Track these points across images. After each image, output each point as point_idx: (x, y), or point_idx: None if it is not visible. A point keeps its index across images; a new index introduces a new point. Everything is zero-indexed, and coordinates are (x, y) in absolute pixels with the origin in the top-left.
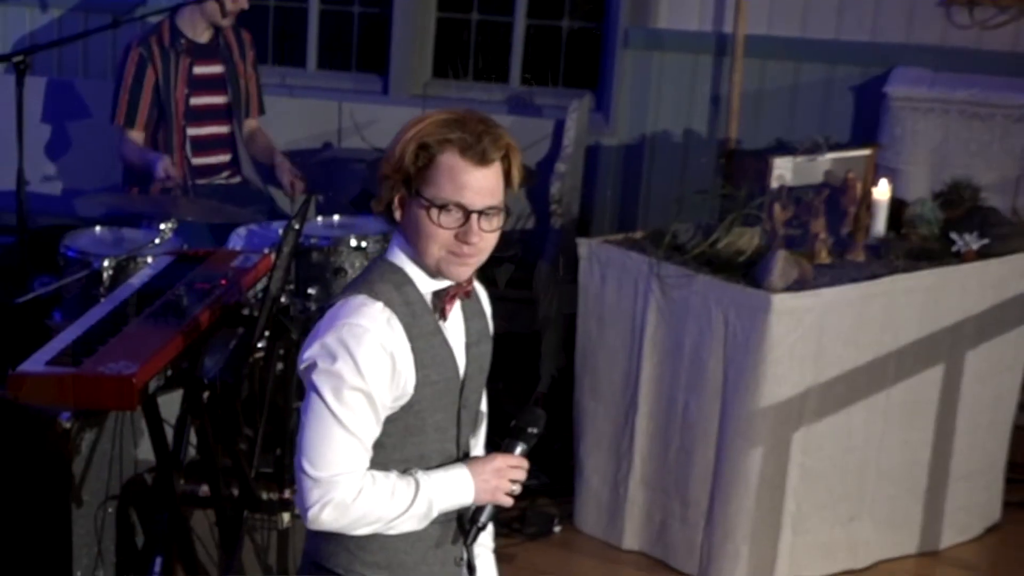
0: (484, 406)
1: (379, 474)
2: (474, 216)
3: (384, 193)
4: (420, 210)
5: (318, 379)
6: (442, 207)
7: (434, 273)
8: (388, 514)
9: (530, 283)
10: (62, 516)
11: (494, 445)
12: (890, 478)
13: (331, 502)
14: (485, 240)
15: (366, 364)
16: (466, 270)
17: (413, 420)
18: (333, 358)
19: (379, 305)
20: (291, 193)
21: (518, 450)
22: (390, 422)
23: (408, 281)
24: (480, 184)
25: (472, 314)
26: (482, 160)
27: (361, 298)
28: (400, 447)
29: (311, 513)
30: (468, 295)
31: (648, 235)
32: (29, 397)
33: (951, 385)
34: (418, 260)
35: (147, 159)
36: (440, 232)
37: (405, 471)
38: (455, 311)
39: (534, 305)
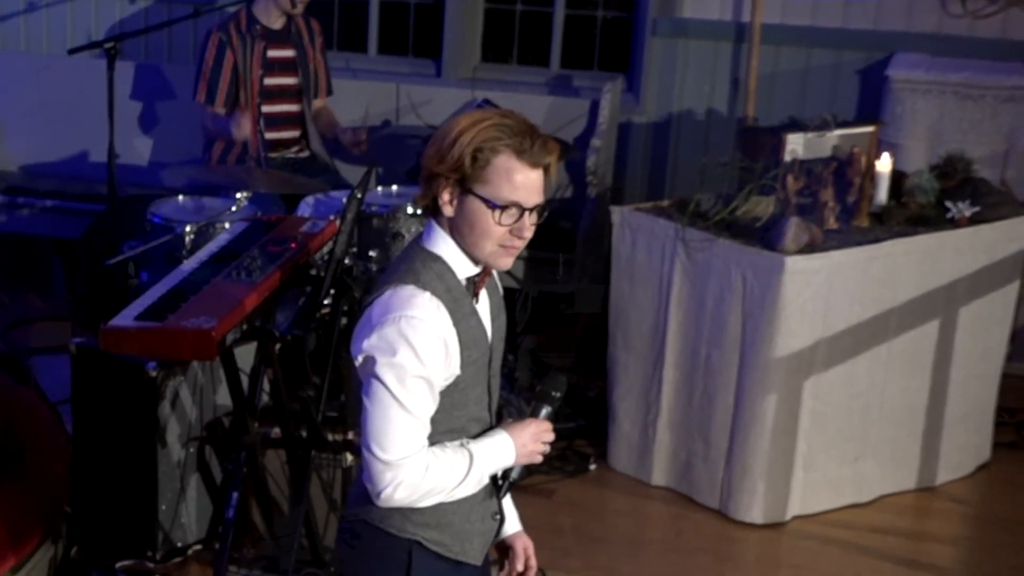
0: (499, 375)
1: (437, 450)
2: (527, 213)
3: (432, 189)
4: (478, 208)
5: (381, 371)
6: (503, 207)
7: (476, 262)
8: (450, 485)
9: (568, 247)
10: (149, 455)
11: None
12: (891, 421)
13: (403, 483)
14: (529, 234)
15: (424, 352)
16: (511, 261)
17: (458, 395)
18: (394, 351)
19: (427, 295)
20: (355, 149)
21: (544, 412)
22: (440, 399)
23: (448, 269)
24: (533, 184)
25: (491, 291)
26: (535, 163)
27: (410, 289)
28: (447, 420)
29: (384, 494)
30: (488, 278)
31: (674, 203)
32: (119, 349)
33: (946, 338)
34: (464, 249)
35: (224, 123)
36: (497, 229)
37: (454, 442)
38: (482, 291)
39: (571, 266)
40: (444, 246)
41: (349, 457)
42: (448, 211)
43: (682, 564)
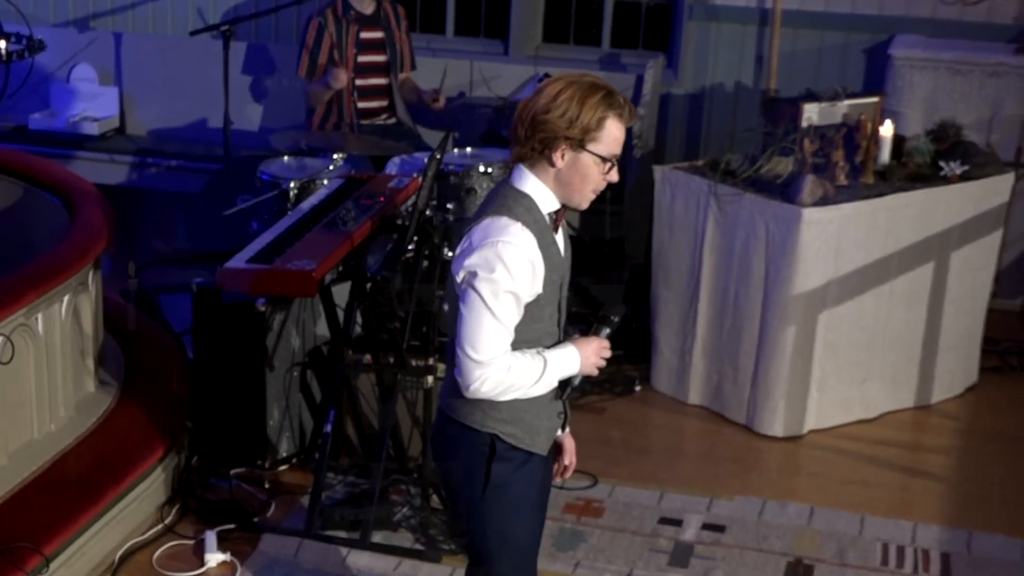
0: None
1: (518, 354)
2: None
3: (549, 147)
4: (590, 162)
5: (479, 284)
6: (607, 160)
7: (566, 202)
8: (527, 383)
9: (617, 200)
10: (258, 379)
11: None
12: (893, 348)
13: (490, 378)
14: (615, 179)
15: (516, 271)
16: (591, 201)
17: (536, 311)
18: (491, 267)
19: (519, 224)
20: (434, 104)
21: (604, 332)
22: (524, 310)
23: (534, 205)
24: (623, 140)
25: (563, 228)
26: (628, 125)
27: (505, 219)
28: (526, 331)
29: (473, 387)
30: (564, 215)
31: (707, 163)
32: (233, 287)
33: (939, 278)
34: (558, 192)
35: (322, 79)
36: (599, 178)
37: (532, 350)
38: (559, 228)
39: (620, 216)
40: (532, 186)
41: (430, 380)
42: (559, 164)
43: (714, 471)
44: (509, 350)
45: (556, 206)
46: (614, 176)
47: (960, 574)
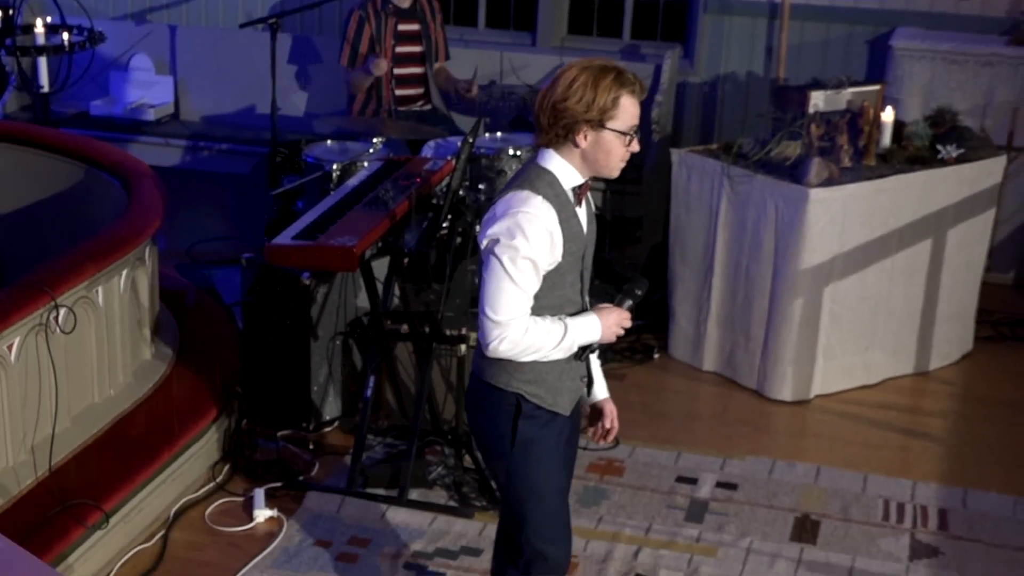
0: (590, 271)
1: (537, 318)
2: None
3: (572, 131)
4: (613, 139)
5: (499, 250)
6: (627, 134)
7: (590, 175)
8: (546, 346)
9: (637, 181)
10: (303, 347)
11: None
12: (894, 319)
13: (507, 338)
14: (637, 150)
15: (534, 240)
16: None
17: (557, 278)
18: (511, 236)
19: (539, 198)
20: (467, 94)
21: (626, 304)
22: (543, 279)
23: (556, 180)
24: (637, 112)
25: (587, 205)
26: (639, 98)
27: (526, 193)
28: (548, 297)
29: (491, 346)
30: (587, 191)
31: (721, 147)
32: (280, 262)
33: (937, 253)
34: (589, 168)
35: (363, 67)
36: (624, 150)
37: (554, 316)
38: (583, 201)
39: (639, 197)
40: (555, 164)
41: (463, 348)
42: (583, 145)
43: (727, 433)
44: (528, 314)
45: (580, 181)
46: (635, 146)
47: (956, 529)
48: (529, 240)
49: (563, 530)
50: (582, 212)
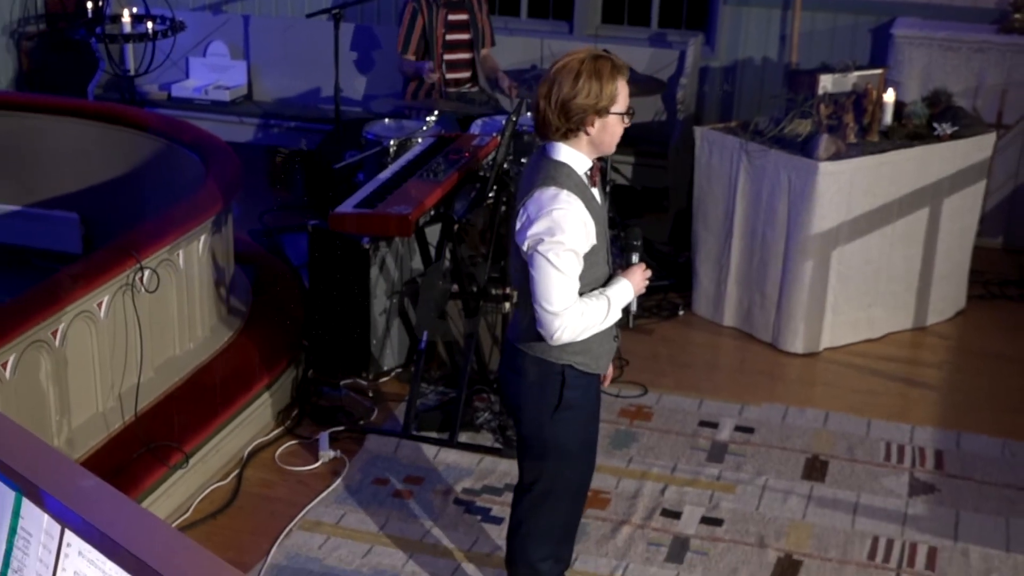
0: None
1: (586, 299)
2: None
3: (583, 123)
4: (615, 121)
5: (543, 248)
6: (629, 114)
7: (592, 156)
8: (598, 321)
9: (663, 156)
10: (363, 305)
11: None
12: (894, 279)
13: (568, 326)
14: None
15: (572, 231)
16: None
17: (594, 257)
18: (552, 233)
19: (565, 192)
20: (509, 93)
21: (635, 258)
22: (584, 260)
23: (572, 171)
24: (627, 90)
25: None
26: (626, 76)
27: (553, 189)
28: (588, 275)
29: (556, 336)
30: (598, 169)
31: (739, 124)
32: (343, 228)
33: (933, 220)
34: (590, 151)
35: (418, 66)
36: (619, 128)
37: (595, 292)
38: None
39: (666, 170)
40: (566, 155)
41: (507, 306)
42: (592, 133)
43: (745, 382)
44: (578, 299)
45: (589, 165)
46: (627, 122)
47: (951, 468)
48: (568, 233)
49: (583, 467)
50: (596, 192)
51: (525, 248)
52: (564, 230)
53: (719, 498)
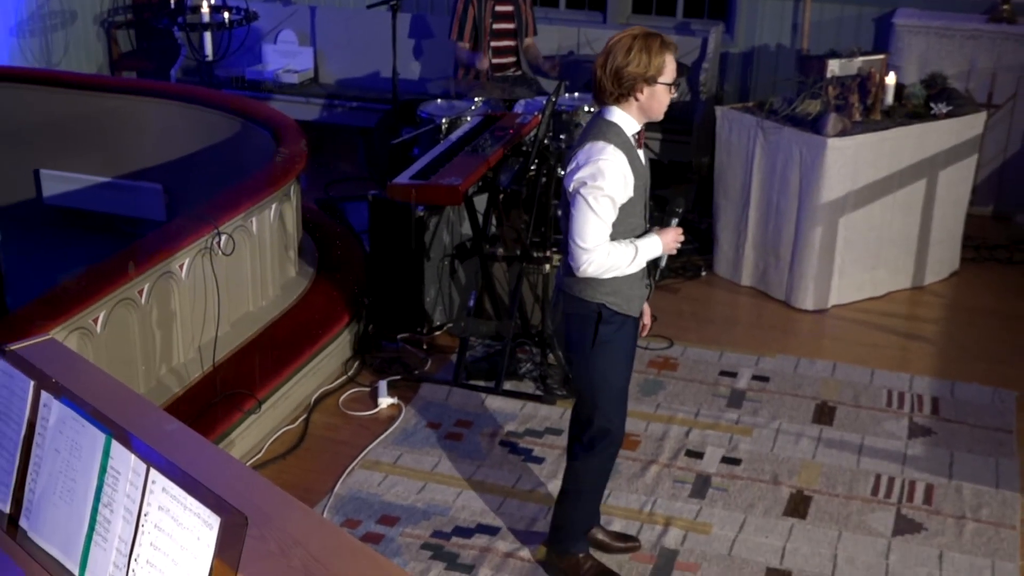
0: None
1: (615, 243)
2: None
3: (633, 88)
4: (662, 90)
5: (585, 191)
6: (672, 83)
7: (642, 122)
8: (622, 265)
9: (687, 132)
10: (418, 267)
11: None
12: (895, 243)
13: (593, 262)
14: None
15: (612, 180)
16: None
17: (630, 207)
18: (594, 179)
19: (612, 146)
20: (551, 71)
21: (674, 222)
22: (620, 210)
23: (621, 130)
24: (675, 63)
25: (642, 147)
26: (675, 54)
27: (601, 143)
28: (623, 223)
29: (582, 268)
30: (643, 135)
31: (756, 104)
32: (400, 197)
33: (930, 190)
34: (640, 116)
35: (471, 57)
36: (667, 97)
37: (626, 240)
38: (641, 144)
39: (690, 145)
40: (618, 117)
41: (547, 267)
42: (641, 99)
43: (761, 336)
44: (608, 240)
45: (637, 128)
46: (674, 92)
47: (946, 413)
48: (608, 181)
49: (622, 411)
50: (641, 153)
51: (570, 189)
52: (605, 177)
53: (737, 440)
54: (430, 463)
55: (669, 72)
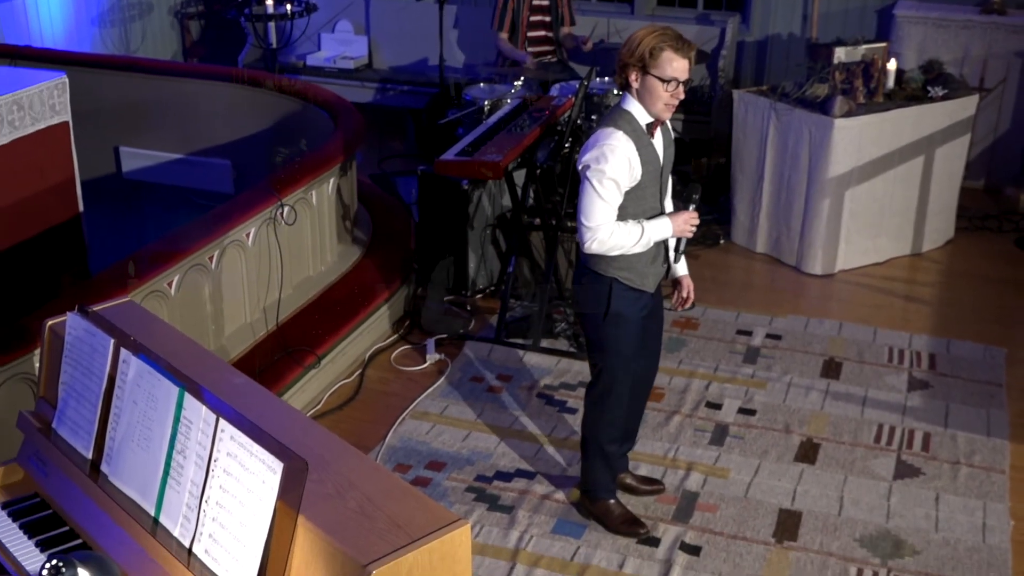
0: (669, 183)
1: (621, 223)
2: (680, 84)
3: (625, 73)
4: (654, 83)
5: (590, 173)
6: (668, 81)
7: (650, 115)
8: (627, 244)
9: (707, 113)
10: (462, 235)
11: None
12: (896, 214)
13: (597, 239)
14: (681, 96)
15: (615, 164)
16: (670, 113)
17: (639, 191)
18: (599, 162)
19: (620, 132)
20: (584, 45)
21: (691, 207)
22: (629, 193)
23: (633, 118)
24: (683, 67)
25: (664, 133)
26: (684, 55)
27: (610, 129)
28: (633, 205)
29: (586, 245)
30: (661, 124)
31: (769, 88)
32: (446, 172)
33: (928, 166)
34: (645, 108)
35: (518, 54)
36: (664, 95)
37: (635, 220)
38: (657, 132)
39: (709, 125)
40: (631, 106)
41: None
42: (635, 86)
43: (774, 298)
44: (613, 220)
45: (649, 119)
46: (680, 94)
47: (942, 367)
48: (612, 164)
49: (629, 375)
50: (657, 141)
51: (580, 169)
52: (609, 161)
53: (753, 393)
54: (473, 414)
55: (663, 65)
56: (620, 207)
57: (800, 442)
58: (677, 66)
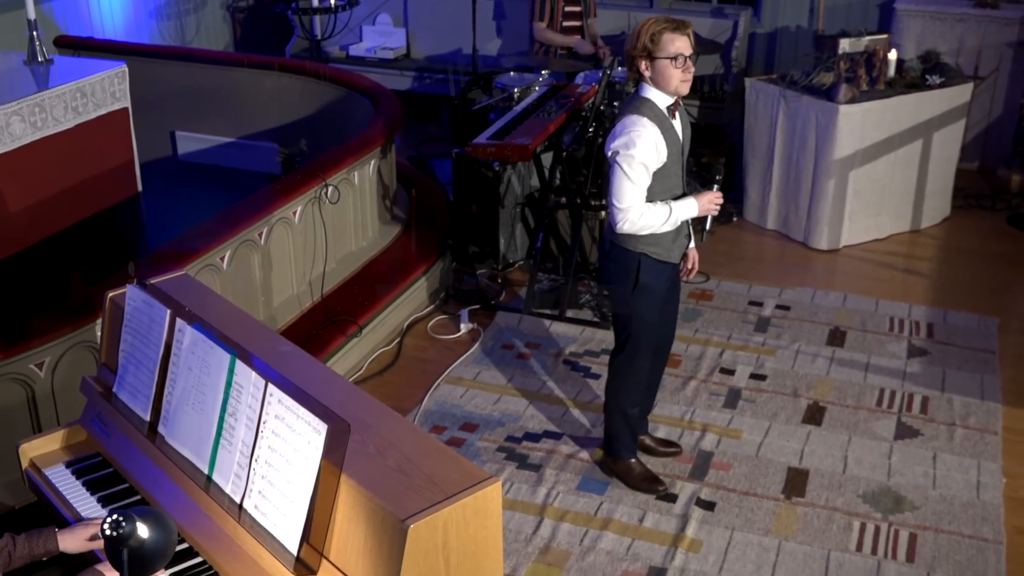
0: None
1: (650, 204)
2: (687, 59)
3: (635, 65)
4: (663, 64)
5: (620, 159)
6: (675, 58)
7: (671, 95)
8: (657, 223)
9: (720, 100)
10: (493, 214)
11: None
12: (896, 193)
13: (628, 220)
14: (692, 70)
15: (644, 149)
16: (688, 86)
17: (664, 172)
18: (628, 147)
19: (645, 119)
20: (603, 55)
21: (715, 187)
22: (656, 174)
23: (654, 104)
24: (684, 44)
25: (681, 116)
26: (682, 32)
27: (635, 116)
28: (659, 186)
29: (619, 226)
30: (679, 107)
31: (778, 76)
32: (478, 155)
33: (926, 148)
34: (662, 91)
35: (567, 40)
36: (676, 72)
37: (662, 201)
38: (676, 115)
39: (723, 110)
40: (649, 92)
41: (603, 214)
42: (647, 74)
43: (784, 271)
44: (643, 201)
45: (670, 101)
46: (690, 67)
47: (939, 336)
48: (640, 149)
49: (652, 342)
50: (677, 123)
51: (609, 155)
52: (638, 146)
53: (763, 359)
54: (504, 379)
55: (665, 46)
56: (648, 188)
57: (807, 405)
58: (679, 44)
